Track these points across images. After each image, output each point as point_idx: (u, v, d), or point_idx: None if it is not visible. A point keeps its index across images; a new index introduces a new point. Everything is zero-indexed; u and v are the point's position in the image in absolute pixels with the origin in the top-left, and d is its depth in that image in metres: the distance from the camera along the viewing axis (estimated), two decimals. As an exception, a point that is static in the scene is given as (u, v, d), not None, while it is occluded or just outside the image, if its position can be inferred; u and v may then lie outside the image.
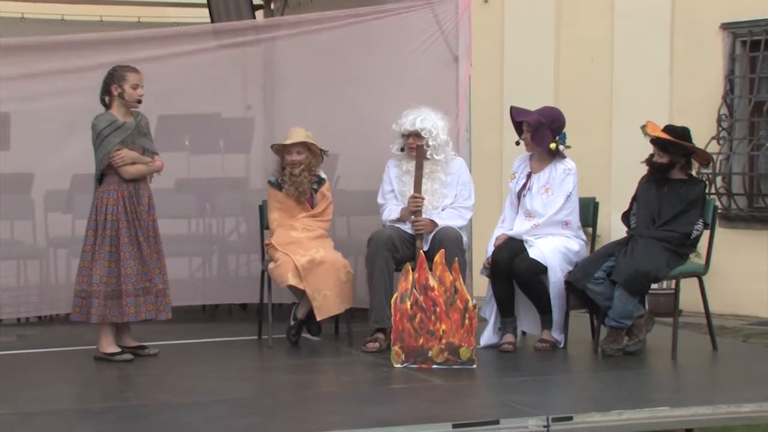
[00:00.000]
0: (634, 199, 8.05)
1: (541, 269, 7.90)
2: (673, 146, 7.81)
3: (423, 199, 8.11)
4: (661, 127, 7.91)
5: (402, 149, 8.27)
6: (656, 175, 7.92)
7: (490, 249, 8.06)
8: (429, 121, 8.14)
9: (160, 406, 6.43)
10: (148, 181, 7.80)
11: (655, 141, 7.87)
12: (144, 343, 7.89)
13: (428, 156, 8.17)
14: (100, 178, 7.63)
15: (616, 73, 12.76)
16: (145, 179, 7.75)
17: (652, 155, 7.94)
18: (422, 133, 8.13)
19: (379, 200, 8.37)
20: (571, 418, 6.03)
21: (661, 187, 7.89)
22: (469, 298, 7.40)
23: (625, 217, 8.09)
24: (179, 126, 9.43)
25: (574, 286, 7.81)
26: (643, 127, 7.84)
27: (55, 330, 8.98)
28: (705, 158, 8.08)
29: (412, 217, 8.12)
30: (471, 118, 8.94)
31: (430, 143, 8.15)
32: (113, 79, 7.63)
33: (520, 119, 8.13)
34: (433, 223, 8.11)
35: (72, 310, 7.71)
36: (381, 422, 5.96)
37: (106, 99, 7.68)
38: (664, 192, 7.87)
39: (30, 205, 9.23)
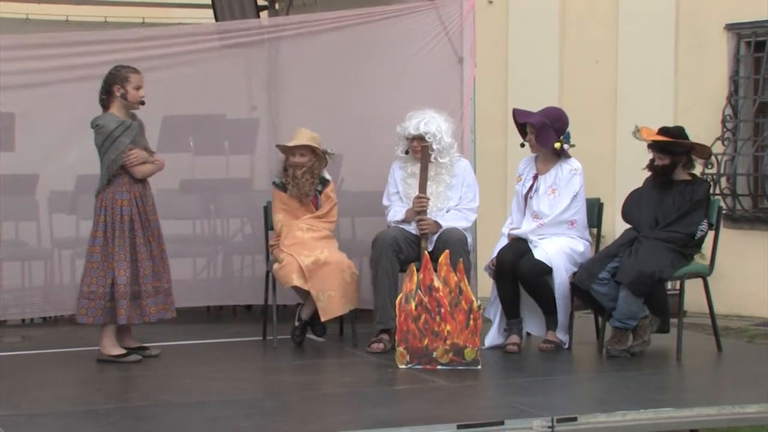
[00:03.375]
0: (632, 196, 8.02)
1: (545, 270, 7.90)
2: (672, 146, 7.81)
3: (428, 199, 8.11)
4: (656, 129, 7.91)
5: (407, 152, 8.26)
6: (660, 178, 7.91)
7: (497, 249, 8.06)
8: (433, 124, 8.13)
9: (165, 407, 6.43)
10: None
11: (653, 144, 7.86)
12: (146, 344, 7.89)
13: (432, 159, 8.17)
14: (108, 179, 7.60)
15: (621, 74, 12.75)
16: (147, 180, 7.74)
17: (652, 160, 7.94)
18: (426, 137, 8.12)
19: (384, 202, 8.36)
20: (575, 419, 6.03)
21: (665, 189, 7.88)
22: (474, 298, 7.40)
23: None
24: (183, 127, 9.43)
25: (578, 287, 7.80)
26: (636, 133, 7.84)
27: (59, 331, 8.99)
28: (705, 152, 8.05)
29: (417, 217, 8.12)
30: (475, 120, 8.93)
31: (435, 146, 8.14)
32: (116, 79, 7.58)
33: (523, 121, 8.12)
34: (438, 224, 8.11)
35: (77, 312, 7.65)
36: (385, 423, 5.95)
37: (106, 99, 7.63)
38: (668, 193, 7.86)
39: (34, 206, 9.23)
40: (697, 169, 8.12)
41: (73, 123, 8.56)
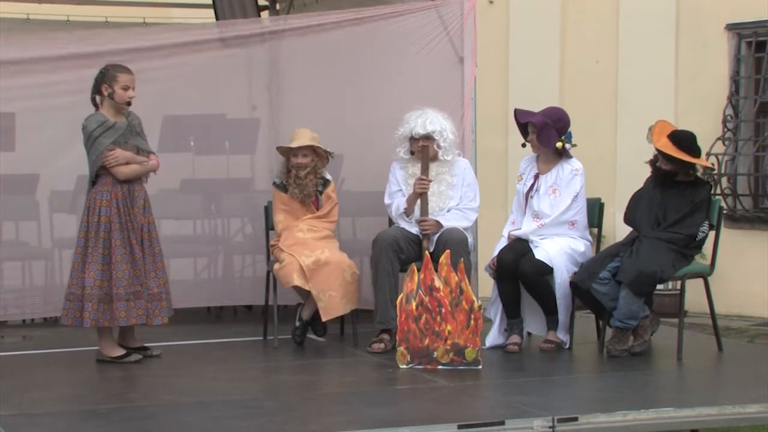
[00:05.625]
0: (634, 198, 8.01)
1: (546, 270, 7.90)
2: (678, 159, 7.78)
3: (429, 181, 8.09)
4: (670, 128, 7.89)
5: (412, 153, 8.22)
6: (661, 178, 7.91)
7: (498, 249, 8.05)
8: (437, 122, 8.13)
9: (166, 407, 6.43)
10: (144, 181, 7.70)
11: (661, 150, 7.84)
12: (147, 344, 7.88)
13: (440, 157, 8.16)
14: (94, 180, 7.56)
15: (621, 74, 12.75)
16: (139, 180, 7.65)
17: (656, 156, 7.93)
18: (434, 135, 8.11)
19: (386, 200, 8.33)
20: (576, 419, 6.02)
21: (666, 189, 7.88)
22: (475, 298, 7.40)
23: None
24: (184, 127, 9.42)
25: (579, 287, 7.80)
26: (649, 134, 7.81)
27: (59, 331, 8.94)
28: (708, 171, 8.07)
29: (419, 217, 8.11)
30: (476, 119, 8.93)
31: (441, 144, 8.14)
32: (104, 78, 7.54)
33: (524, 120, 8.12)
34: (440, 224, 8.11)
35: (61, 313, 7.66)
36: (386, 423, 5.95)
37: (97, 99, 7.60)
38: (669, 194, 7.85)
39: (35, 206, 9.23)
40: (698, 171, 8.11)
41: (73, 123, 8.49)
